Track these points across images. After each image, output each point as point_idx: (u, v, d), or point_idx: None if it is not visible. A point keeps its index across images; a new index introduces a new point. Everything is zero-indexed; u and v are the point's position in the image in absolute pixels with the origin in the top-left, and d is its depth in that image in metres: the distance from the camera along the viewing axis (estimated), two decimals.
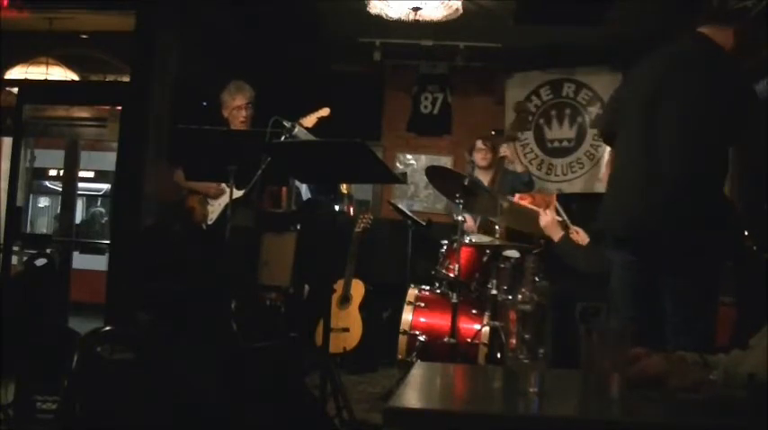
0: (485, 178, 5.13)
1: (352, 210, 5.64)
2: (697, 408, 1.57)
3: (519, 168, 5.22)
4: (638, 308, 2.65)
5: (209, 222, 4.32)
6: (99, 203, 11.59)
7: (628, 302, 2.69)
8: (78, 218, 11.07)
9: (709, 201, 2.63)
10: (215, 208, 4.33)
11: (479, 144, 5.28)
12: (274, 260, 4.58)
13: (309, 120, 3.99)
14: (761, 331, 1.77)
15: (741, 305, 3.81)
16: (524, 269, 1.72)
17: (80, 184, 10.61)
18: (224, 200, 4.16)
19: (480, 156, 5.26)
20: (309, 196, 5.26)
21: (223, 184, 4.20)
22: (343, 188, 5.35)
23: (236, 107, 4.35)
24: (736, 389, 1.60)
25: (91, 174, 10.66)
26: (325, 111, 4.05)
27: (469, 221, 4.93)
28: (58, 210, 8.43)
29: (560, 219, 3.92)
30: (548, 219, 3.78)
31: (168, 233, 4.34)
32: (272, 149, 3.30)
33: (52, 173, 10.61)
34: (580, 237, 3.82)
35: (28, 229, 10.25)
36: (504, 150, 5.07)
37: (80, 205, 11.32)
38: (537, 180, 6.28)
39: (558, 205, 4.01)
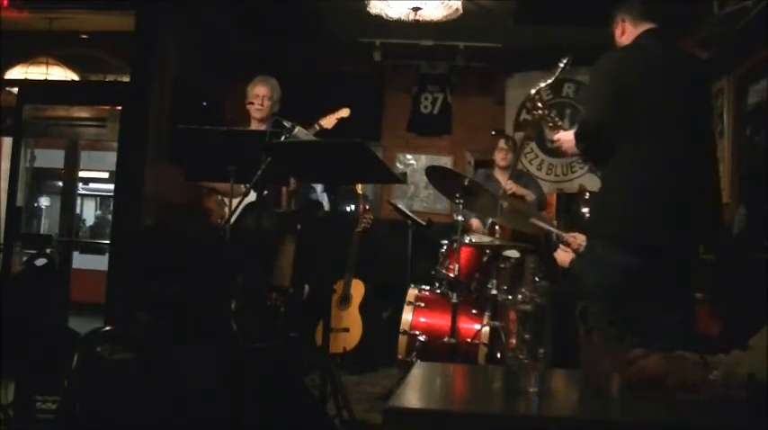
0: (502, 178, 5.04)
1: (367, 207, 5.56)
2: (697, 408, 1.57)
3: (529, 199, 4.92)
4: (634, 310, 2.65)
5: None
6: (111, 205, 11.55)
7: (625, 304, 2.67)
8: (91, 219, 11.12)
9: (722, 210, 2.84)
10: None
11: (501, 144, 5.17)
12: (274, 260, 4.59)
13: (329, 121, 3.98)
14: (761, 331, 1.78)
15: (734, 304, 3.83)
16: (524, 269, 1.72)
17: (93, 185, 10.64)
18: (242, 200, 4.09)
19: (501, 156, 5.15)
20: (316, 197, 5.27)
21: (241, 185, 4.17)
22: (358, 188, 5.31)
23: (255, 95, 4.38)
24: (735, 389, 1.60)
25: (105, 175, 10.59)
26: (345, 112, 4.02)
27: (477, 224, 4.92)
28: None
29: (548, 229, 3.90)
30: (560, 257, 3.74)
31: (177, 233, 4.33)
32: (273, 149, 3.30)
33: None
34: (577, 241, 3.79)
35: (41, 229, 10.27)
36: (511, 187, 4.79)
37: (93, 206, 11.33)
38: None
39: (545, 224, 3.97)
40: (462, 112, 6.78)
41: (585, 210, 3.70)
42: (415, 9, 4.69)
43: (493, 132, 5.91)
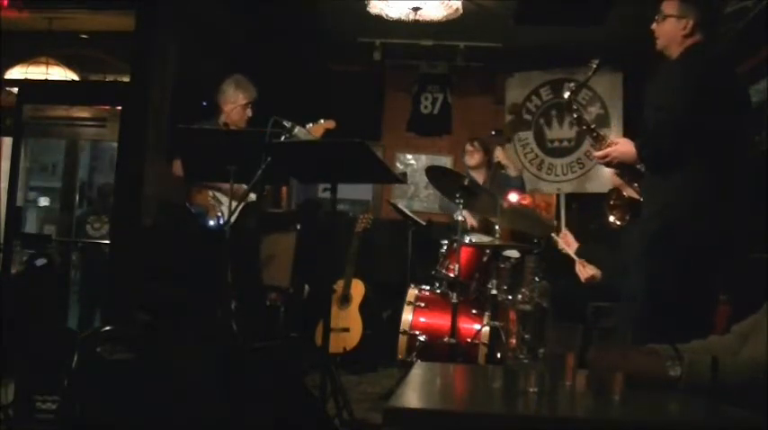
0: (478, 178, 5.20)
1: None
2: (696, 408, 1.57)
3: (513, 173, 5.36)
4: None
5: (221, 221, 4.31)
6: None
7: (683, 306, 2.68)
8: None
9: None
10: (226, 207, 4.32)
11: (468, 146, 5.41)
12: (274, 260, 4.59)
13: (317, 130, 3.99)
14: (745, 320, 1.80)
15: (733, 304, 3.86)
16: (524, 269, 1.73)
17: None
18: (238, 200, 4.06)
19: (468, 158, 5.39)
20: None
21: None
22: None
23: (243, 104, 4.34)
24: (698, 376, 1.62)
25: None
26: (330, 124, 4.04)
27: (469, 219, 4.95)
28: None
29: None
30: (583, 272, 3.80)
31: (177, 233, 4.33)
32: (272, 149, 3.30)
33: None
34: (567, 240, 3.87)
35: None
36: (498, 155, 5.22)
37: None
38: (536, 180, 6.27)
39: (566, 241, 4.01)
40: (462, 112, 6.78)
41: (613, 219, 3.61)
42: (415, 9, 4.69)
43: (493, 132, 5.92)
